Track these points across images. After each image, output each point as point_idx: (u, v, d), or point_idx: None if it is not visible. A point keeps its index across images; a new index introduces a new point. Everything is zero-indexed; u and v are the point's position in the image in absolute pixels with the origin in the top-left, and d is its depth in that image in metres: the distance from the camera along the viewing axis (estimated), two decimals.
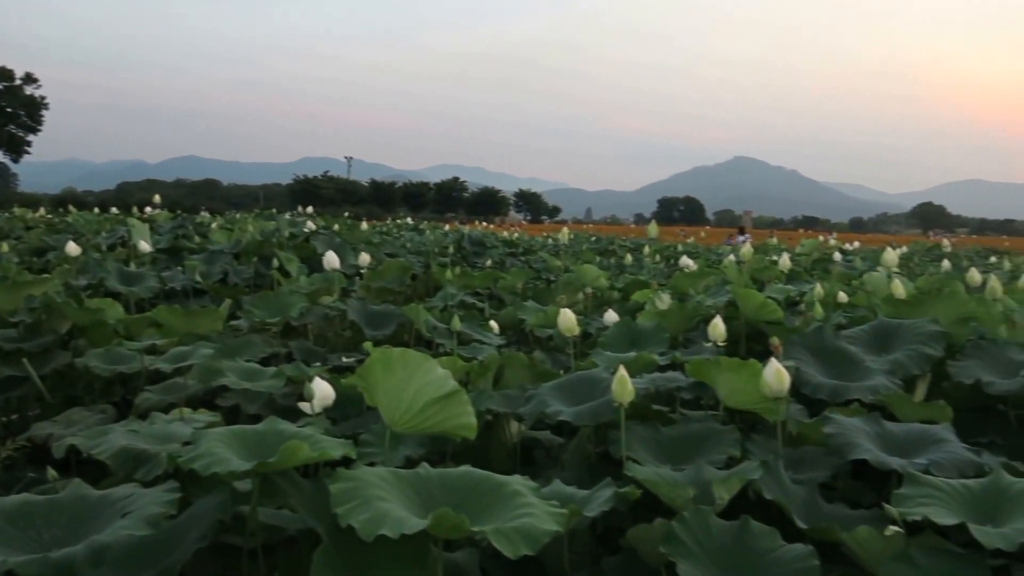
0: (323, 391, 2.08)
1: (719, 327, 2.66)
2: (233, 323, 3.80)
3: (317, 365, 2.93)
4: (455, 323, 3.13)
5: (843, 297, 3.70)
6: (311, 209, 12.72)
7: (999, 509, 1.55)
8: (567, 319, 2.91)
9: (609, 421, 2.08)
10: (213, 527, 1.53)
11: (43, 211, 15.87)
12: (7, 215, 13.08)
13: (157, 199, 10.04)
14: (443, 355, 2.78)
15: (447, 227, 16.12)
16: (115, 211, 13.80)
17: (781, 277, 4.76)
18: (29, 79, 63.96)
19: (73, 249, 5.14)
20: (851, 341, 2.68)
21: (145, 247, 5.63)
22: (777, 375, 1.96)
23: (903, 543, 1.48)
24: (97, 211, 15.27)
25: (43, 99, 64.68)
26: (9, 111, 63.36)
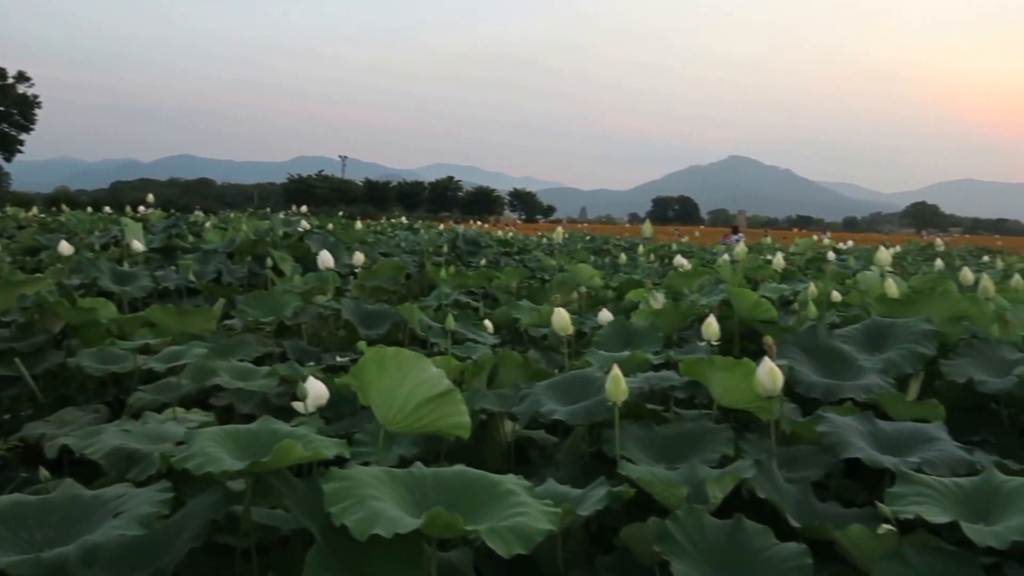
0: (317, 390, 2.08)
1: (713, 326, 2.67)
2: (227, 322, 3.80)
3: (311, 364, 2.93)
4: (449, 322, 3.13)
5: (837, 296, 3.71)
6: (305, 208, 12.71)
7: (991, 507, 1.55)
8: (561, 318, 2.91)
9: (603, 420, 2.08)
10: (206, 527, 1.52)
11: (36, 210, 15.80)
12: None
13: (151, 198, 10.01)
14: (437, 354, 2.78)
15: (442, 226, 16.11)
16: (108, 210, 13.74)
17: (775, 276, 4.77)
18: (22, 78, 63.67)
19: (66, 248, 5.12)
20: (844, 340, 2.69)
21: (138, 246, 5.61)
22: (770, 374, 1.97)
23: (896, 541, 1.48)
24: (90, 210, 15.21)
25: (36, 98, 64.38)
26: (1, 110, 63.03)
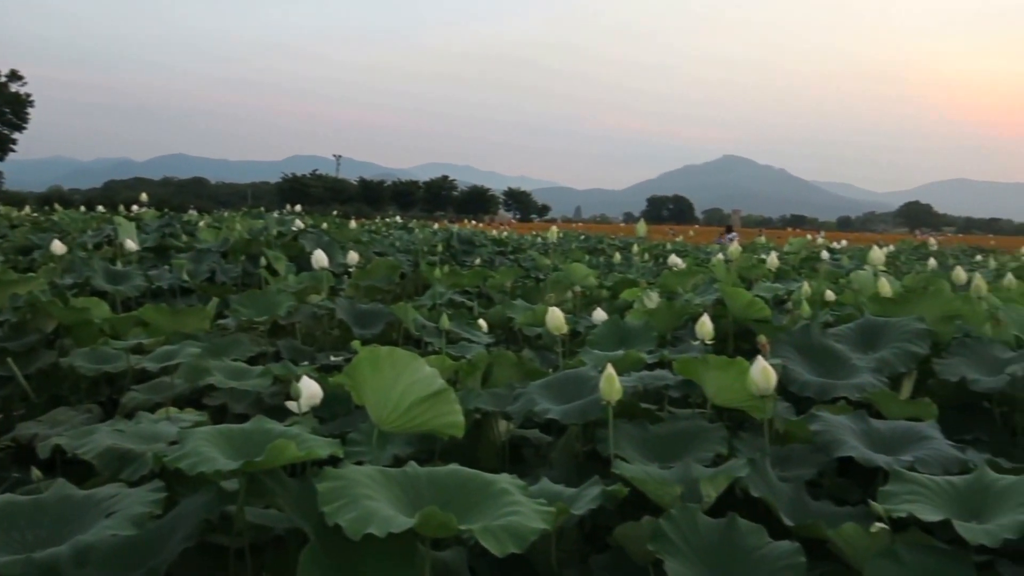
0: (311, 390, 2.08)
1: (707, 325, 2.67)
2: (220, 322, 3.79)
3: (305, 364, 2.92)
4: (444, 322, 3.13)
5: (830, 295, 3.72)
6: (300, 207, 12.70)
7: (983, 505, 1.56)
8: (556, 318, 2.91)
9: (597, 419, 2.08)
10: (199, 527, 1.52)
11: (28, 209, 15.76)
12: None
13: (144, 197, 10.00)
14: (432, 354, 2.78)
15: (436, 226, 16.11)
16: (101, 209, 13.71)
17: (769, 275, 4.78)
18: (14, 76, 63.41)
19: (59, 248, 5.11)
20: (838, 339, 2.69)
21: (132, 245, 5.59)
22: (764, 373, 1.97)
23: (888, 540, 1.49)
24: (83, 209, 15.16)
25: (28, 96, 64.11)
26: None
